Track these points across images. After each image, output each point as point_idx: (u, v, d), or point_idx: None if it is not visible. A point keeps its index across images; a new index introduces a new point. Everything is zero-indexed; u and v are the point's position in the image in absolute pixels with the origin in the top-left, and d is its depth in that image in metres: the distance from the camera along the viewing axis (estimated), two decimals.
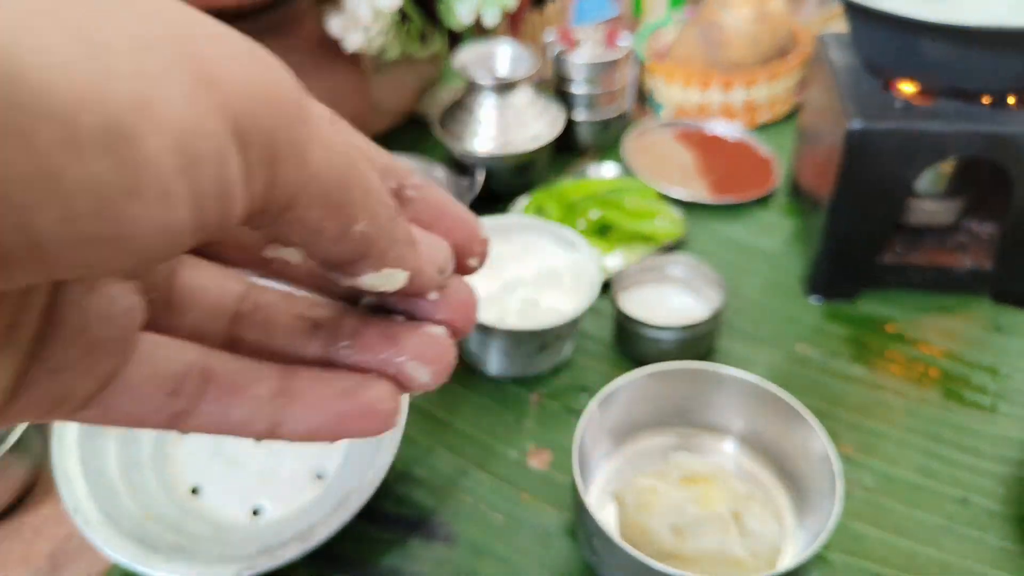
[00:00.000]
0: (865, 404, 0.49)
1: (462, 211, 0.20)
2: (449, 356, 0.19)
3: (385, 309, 0.20)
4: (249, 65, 0.13)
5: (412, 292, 0.19)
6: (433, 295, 0.20)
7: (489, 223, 0.52)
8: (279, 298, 0.20)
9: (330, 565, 0.40)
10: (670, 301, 0.55)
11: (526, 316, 0.49)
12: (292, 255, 0.18)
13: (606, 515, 0.42)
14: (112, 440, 0.43)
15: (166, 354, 0.18)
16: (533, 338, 0.48)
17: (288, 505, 0.43)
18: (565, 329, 0.49)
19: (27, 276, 0.12)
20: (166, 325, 0.19)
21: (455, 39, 0.75)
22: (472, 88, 0.64)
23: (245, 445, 0.46)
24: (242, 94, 0.13)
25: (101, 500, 0.40)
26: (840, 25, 0.82)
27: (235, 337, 0.20)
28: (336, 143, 0.15)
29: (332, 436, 0.18)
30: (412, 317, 0.19)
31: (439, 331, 0.19)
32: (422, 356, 0.19)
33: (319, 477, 0.44)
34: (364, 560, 0.41)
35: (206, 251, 0.20)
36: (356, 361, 0.19)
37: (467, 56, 0.65)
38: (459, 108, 0.65)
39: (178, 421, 0.18)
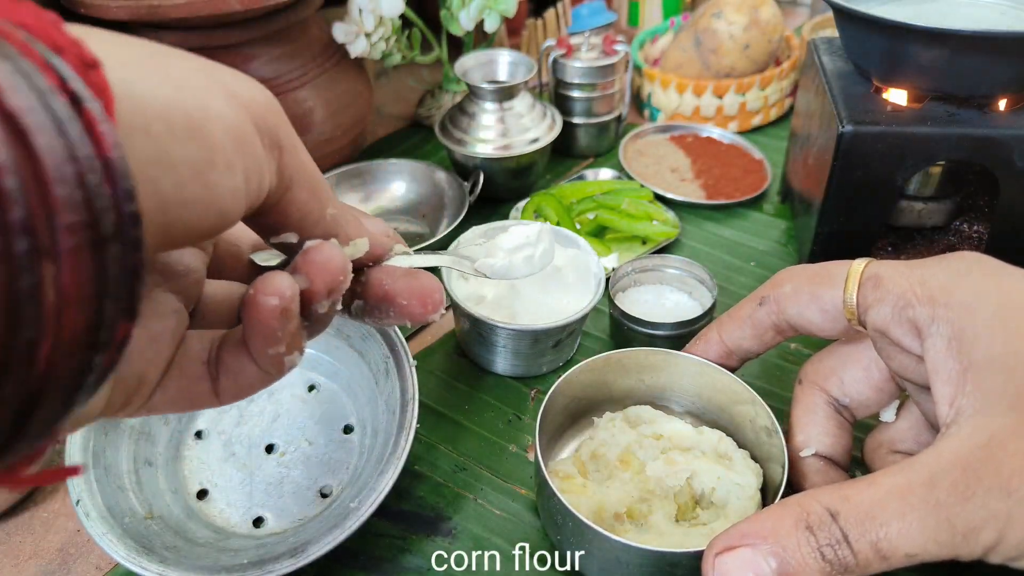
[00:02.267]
0: None
1: (374, 224, 0.28)
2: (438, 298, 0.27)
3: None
4: (250, 86, 0.21)
5: (375, 256, 0.27)
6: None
7: (486, 228, 0.53)
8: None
9: (331, 559, 0.41)
10: (665, 300, 0.56)
11: (535, 315, 0.50)
12: (291, 237, 0.24)
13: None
14: (126, 437, 0.44)
15: (197, 336, 0.25)
16: (546, 336, 0.49)
17: (289, 519, 0.43)
18: (576, 324, 0.50)
19: (156, 239, 0.17)
20: (196, 324, 0.25)
21: (456, 45, 0.76)
22: (473, 93, 0.65)
23: (258, 454, 0.46)
24: (252, 102, 0.20)
25: (106, 495, 0.40)
26: (831, 31, 0.84)
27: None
28: (306, 149, 0.23)
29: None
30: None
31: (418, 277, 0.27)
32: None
33: (324, 495, 0.44)
34: (365, 554, 0.42)
35: (219, 275, 0.28)
36: None
37: (468, 62, 0.67)
38: (460, 113, 0.67)
39: (217, 389, 0.24)
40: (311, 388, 0.50)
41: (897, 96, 0.52)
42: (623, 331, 0.53)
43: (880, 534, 0.25)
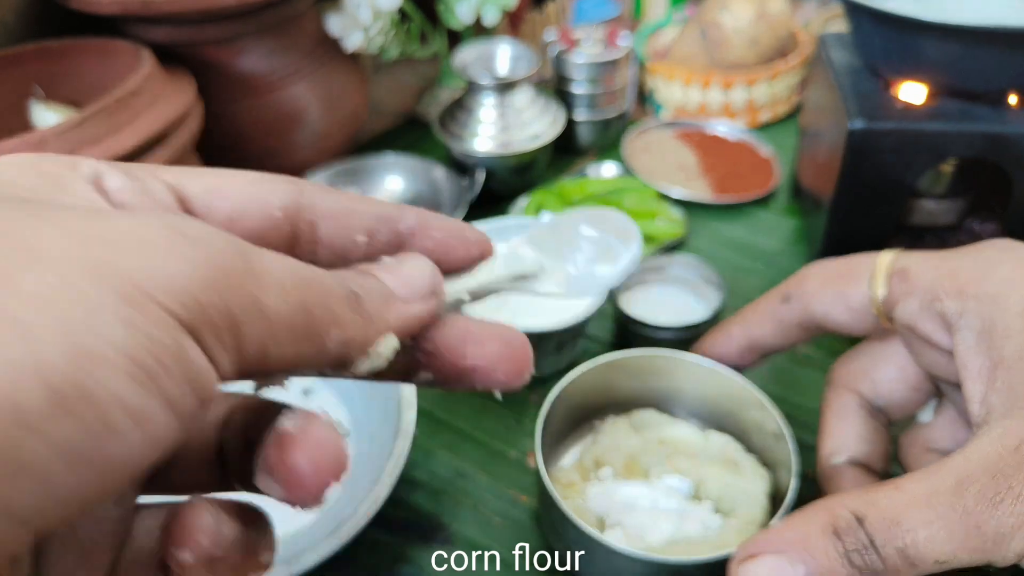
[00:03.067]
0: None
1: (467, 231, 0.20)
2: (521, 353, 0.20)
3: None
4: (175, 252, 0.13)
5: (417, 333, 0.19)
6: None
7: (487, 226, 0.52)
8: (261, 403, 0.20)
9: (326, 569, 0.40)
10: (671, 301, 0.55)
11: (538, 317, 0.49)
12: (280, 381, 0.17)
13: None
14: None
15: (149, 527, 0.18)
16: (550, 338, 0.48)
17: (284, 527, 0.42)
18: (581, 326, 0.49)
19: (31, 540, 0.12)
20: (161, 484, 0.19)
21: (455, 39, 0.75)
22: (472, 88, 0.64)
23: None
24: (181, 288, 0.12)
25: None
26: (841, 25, 0.82)
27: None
28: (284, 275, 0.15)
29: None
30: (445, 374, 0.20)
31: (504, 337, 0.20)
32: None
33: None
34: (361, 563, 0.41)
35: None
36: None
37: (467, 56, 0.65)
38: (459, 108, 0.65)
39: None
40: (305, 393, 0.49)
41: (908, 92, 0.51)
42: (627, 334, 0.51)
43: (907, 540, 0.24)
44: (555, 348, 0.49)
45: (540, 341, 0.48)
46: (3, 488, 0.11)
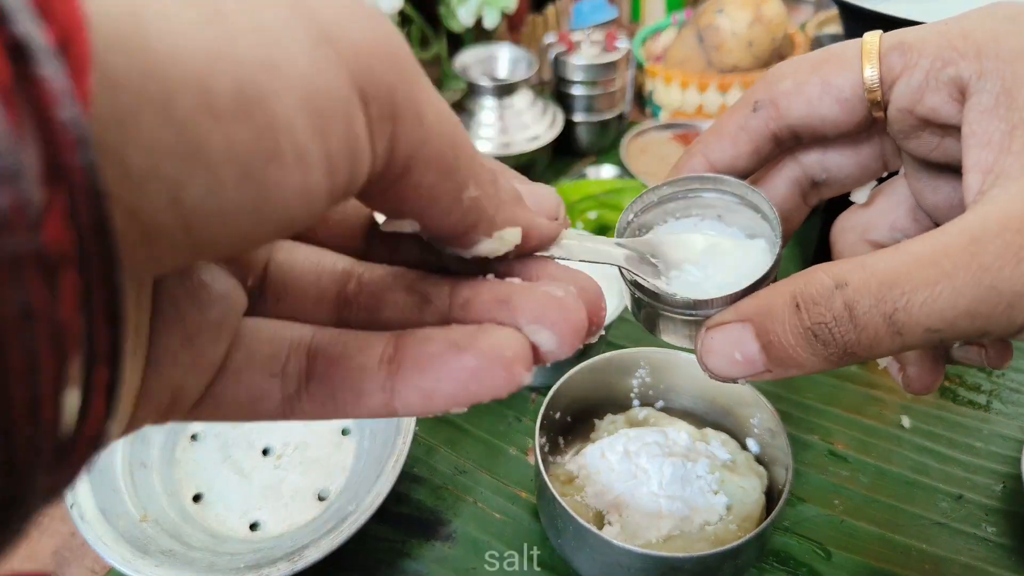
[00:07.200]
0: (861, 402, 0.50)
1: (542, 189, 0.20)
2: (575, 317, 0.16)
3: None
4: (365, 23, 0.13)
5: (530, 248, 0.19)
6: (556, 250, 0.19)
7: None
8: (385, 273, 0.19)
9: (328, 564, 0.41)
10: (709, 250, 0.32)
11: None
12: (407, 226, 0.17)
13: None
14: (120, 438, 0.44)
15: (269, 335, 0.17)
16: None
17: (286, 523, 0.43)
18: (607, 328, 0.49)
19: (179, 257, 0.12)
20: (266, 310, 0.18)
21: (455, 42, 0.76)
22: (472, 90, 0.65)
23: (254, 457, 0.46)
24: (361, 51, 0.13)
25: (100, 497, 0.40)
26: (836, 27, 0.83)
27: (343, 318, 0.19)
28: (443, 106, 0.15)
29: (452, 399, 0.16)
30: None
31: (560, 290, 0.17)
32: (542, 318, 0.16)
33: (321, 498, 0.44)
34: (363, 558, 0.41)
35: (301, 233, 0.19)
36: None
37: (467, 58, 0.66)
38: (459, 110, 0.66)
39: (292, 407, 0.17)
40: None
41: None
42: (647, 310, 0.33)
43: (900, 303, 0.21)
44: (579, 352, 0.50)
45: None
46: (179, 170, 0.11)
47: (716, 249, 0.24)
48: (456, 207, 0.16)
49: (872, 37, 0.28)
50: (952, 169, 0.27)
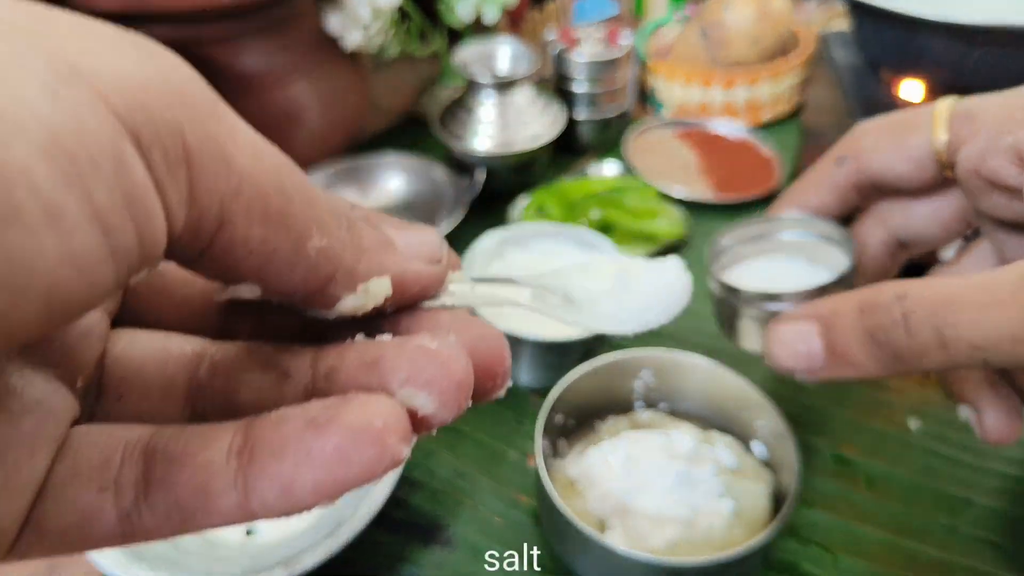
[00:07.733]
0: (868, 404, 0.49)
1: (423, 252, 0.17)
2: (456, 371, 0.14)
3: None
4: (133, 54, 0.11)
5: (411, 298, 0.17)
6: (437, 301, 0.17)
7: (505, 234, 0.52)
8: (239, 350, 0.17)
9: (325, 570, 0.40)
10: (783, 274, 0.39)
11: (559, 325, 0.48)
12: (246, 291, 0.14)
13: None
14: None
15: (99, 440, 0.14)
16: (579, 346, 0.47)
17: (282, 529, 0.42)
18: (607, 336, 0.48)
19: None
20: (107, 412, 0.16)
21: (455, 37, 0.75)
22: (472, 87, 0.64)
23: None
24: (128, 87, 0.11)
25: None
26: (842, 23, 0.82)
27: (197, 410, 0.16)
28: (263, 145, 0.13)
29: (316, 487, 0.14)
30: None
31: (435, 341, 0.15)
32: (415, 377, 0.14)
33: None
34: (361, 564, 0.41)
35: (142, 318, 0.17)
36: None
37: (467, 54, 0.65)
38: (459, 107, 0.65)
39: (130, 524, 0.14)
40: None
41: (911, 91, 0.51)
42: (729, 312, 0.36)
43: (950, 319, 0.23)
44: (582, 355, 0.49)
45: (569, 350, 0.47)
46: None
47: (627, 274, 0.23)
48: (300, 261, 0.14)
49: (942, 104, 0.32)
50: None
